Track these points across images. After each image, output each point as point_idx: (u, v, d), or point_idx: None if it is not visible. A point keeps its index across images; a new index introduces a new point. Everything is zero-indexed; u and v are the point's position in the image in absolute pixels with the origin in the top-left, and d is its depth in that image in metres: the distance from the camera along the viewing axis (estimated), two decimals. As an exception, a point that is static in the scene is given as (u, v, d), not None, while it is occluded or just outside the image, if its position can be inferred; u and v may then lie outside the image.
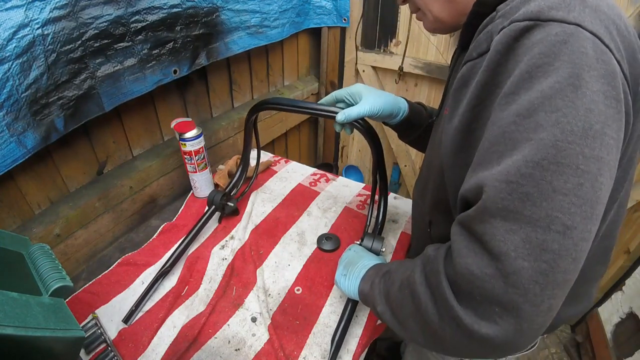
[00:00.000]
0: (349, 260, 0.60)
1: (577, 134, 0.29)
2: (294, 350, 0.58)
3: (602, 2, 0.33)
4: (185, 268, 0.72)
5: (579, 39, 0.30)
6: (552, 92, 0.30)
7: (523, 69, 0.32)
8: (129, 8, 0.65)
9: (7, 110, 0.54)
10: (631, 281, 1.17)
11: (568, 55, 0.30)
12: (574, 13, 0.31)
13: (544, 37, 0.31)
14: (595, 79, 0.30)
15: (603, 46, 0.30)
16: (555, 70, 0.30)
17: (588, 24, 0.31)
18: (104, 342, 0.58)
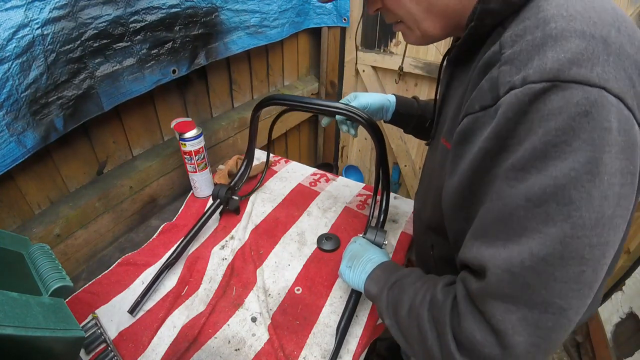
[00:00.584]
0: (354, 252, 0.60)
1: (587, 227, 0.28)
2: (294, 350, 0.58)
3: (624, 35, 0.30)
4: (185, 268, 0.72)
5: (603, 109, 0.27)
6: (566, 180, 0.28)
7: (537, 144, 0.29)
8: (127, 8, 0.65)
9: (7, 110, 0.54)
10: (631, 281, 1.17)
11: (589, 133, 0.27)
12: (597, 69, 0.28)
13: (563, 107, 0.28)
14: (615, 156, 0.28)
15: (627, 111, 0.28)
16: (573, 153, 0.28)
17: (613, 83, 0.28)
18: (104, 342, 0.58)
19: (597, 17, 0.30)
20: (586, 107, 0.27)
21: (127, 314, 0.62)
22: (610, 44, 0.29)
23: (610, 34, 0.29)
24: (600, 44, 0.29)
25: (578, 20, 0.30)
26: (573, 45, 0.29)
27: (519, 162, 0.31)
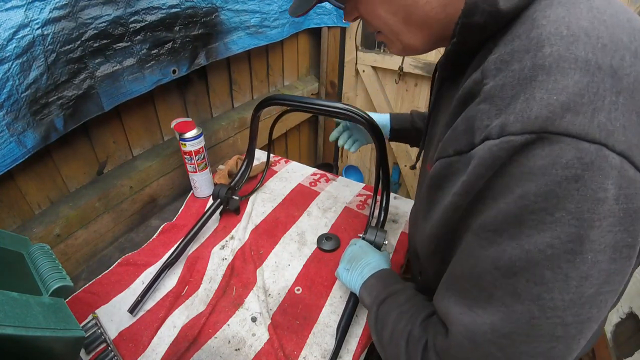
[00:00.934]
0: (353, 255, 0.60)
1: (560, 309, 0.25)
2: (294, 350, 0.58)
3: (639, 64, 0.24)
4: (185, 268, 0.72)
5: (600, 174, 0.22)
6: (540, 257, 0.24)
7: (512, 208, 0.25)
8: (128, 8, 0.65)
9: (7, 110, 0.54)
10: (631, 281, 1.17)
11: (576, 204, 0.22)
12: (600, 116, 0.22)
13: (548, 167, 0.23)
14: (608, 230, 0.23)
15: (631, 172, 0.22)
16: (553, 226, 0.23)
17: (619, 136, 0.22)
18: (104, 342, 0.58)
19: (608, 36, 0.24)
20: (577, 171, 0.22)
21: (127, 314, 0.62)
22: (621, 77, 0.23)
23: (624, 61, 0.23)
24: (608, 79, 0.23)
25: (582, 42, 0.24)
26: (571, 81, 0.23)
27: (491, 222, 0.27)
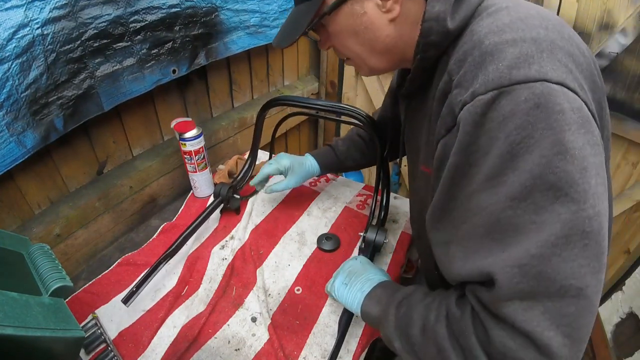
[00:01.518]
0: (353, 269, 0.58)
1: (579, 202, 0.29)
2: (294, 350, 0.58)
3: (553, 31, 0.33)
4: (185, 268, 0.72)
5: (550, 96, 0.29)
6: (540, 169, 0.29)
7: (503, 148, 0.31)
8: (128, 8, 0.65)
9: (6, 109, 0.54)
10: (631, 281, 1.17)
11: (545, 121, 0.29)
12: (534, 66, 0.30)
13: (514, 107, 0.30)
14: (577, 132, 0.29)
15: (571, 93, 0.30)
16: (537, 143, 0.29)
17: (552, 73, 0.30)
18: (104, 342, 0.58)
19: (523, 24, 0.34)
20: (535, 100, 0.29)
21: (127, 313, 0.62)
22: (540, 42, 0.32)
23: (539, 34, 0.32)
24: (532, 45, 0.31)
25: (507, 31, 0.33)
26: (508, 53, 0.32)
27: (492, 170, 0.32)
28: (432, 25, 0.38)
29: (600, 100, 0.35)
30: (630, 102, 1.01)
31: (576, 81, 0.31)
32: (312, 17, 0.44)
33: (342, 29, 0.45)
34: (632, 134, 1.03)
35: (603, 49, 0.99)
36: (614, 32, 0.96)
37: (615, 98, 1.03)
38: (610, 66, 1.00)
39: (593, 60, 0.36)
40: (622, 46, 0.96)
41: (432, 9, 0.38)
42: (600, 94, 0.36)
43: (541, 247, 0.30)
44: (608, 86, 1.04)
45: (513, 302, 0.32)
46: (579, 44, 0.35)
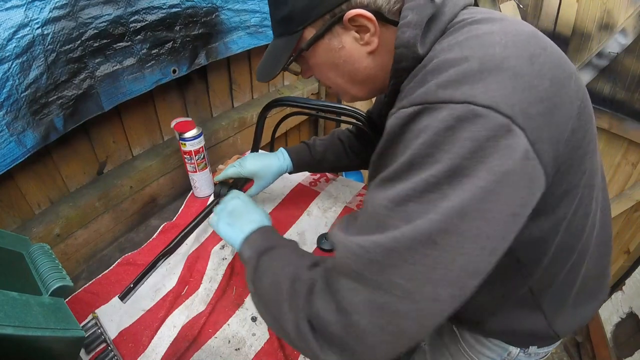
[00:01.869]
0: (235, 209, 0.57)
1: (446, 216, 0.29)
2: (294, 350, 0.58)
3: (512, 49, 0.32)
4: (185, 268, 0.72)
5: (467, 121, 0.29)
6: (425, 186, 0.30)
7: (407, 158, 0.32)
8: (128, 8, 0.65)
9: (6, 109, 0.54)
10: (631, 281, 1.17)
11: (450, 145, 0.29)
12: (465, 87, 0.30)
13: (430, 124, 0.31)
14: (480, 161, 0.29)
15: (500, 118, 0.29)
16: (435, 163, 0.30)
17: (481, 96, 0.29)
18: (104, 342, 0.58)
19: (478, 41, 0.34)
20: (450, 122, 0.30)
21: (127, 313, 0.62)
22: (486, 61, 0.31)
23: (489, 52, 0.32)
24: (474, 64, 0.31)
25: (456, 49, 0.34)
26: (445, 72, 0.32)
27: (390, 174, 0.33)
28: (403, 52, 0.39)
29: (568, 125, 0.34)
30: (630, 102, 1.01)
31: (516, 105, 0.30)
32: (290, 53, 0.45)
33: (322, 62, 0.46)
34: (632, 134, 1.03)
35: (603, 49, 0.99)
36: (614, 32, 0.96)
37: (615, 98, 1.03)
38: (610, 66, 1.00)
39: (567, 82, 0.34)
40: (622, 46, 0.96)
41: (402, 35, 0.39)
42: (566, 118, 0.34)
43: (390, 242, 0.31)
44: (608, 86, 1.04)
45: (344, 279, 0.33)
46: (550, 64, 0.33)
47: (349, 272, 0.33)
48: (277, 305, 0.40)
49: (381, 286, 0.31)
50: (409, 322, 0.31)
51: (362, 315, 0.32)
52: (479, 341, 0.58)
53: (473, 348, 0.59)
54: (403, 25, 0.39)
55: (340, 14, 0.40)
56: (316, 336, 0.35)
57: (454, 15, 0.40)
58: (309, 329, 0.36)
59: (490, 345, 0.56)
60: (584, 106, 0.37)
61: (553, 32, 1.05)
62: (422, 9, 0.38)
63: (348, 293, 0.32)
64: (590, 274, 0.49)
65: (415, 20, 0.38)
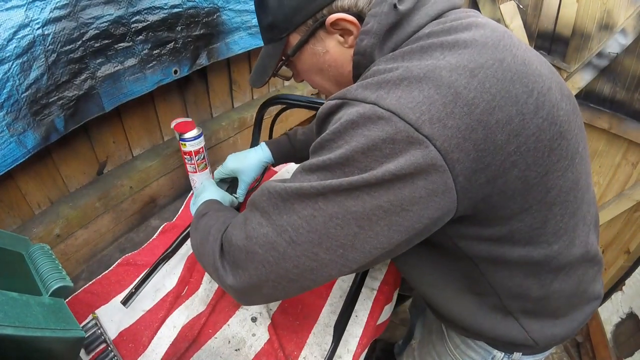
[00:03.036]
0: (198, 191, 0.67)
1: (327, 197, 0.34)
2: (294, 350, 0.58)
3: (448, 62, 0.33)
4: (185, 268, 0.71)
5: (370, 120, 0.32)
6: (321, 166, 0.34)
7: (318, 141, 0.36)
8: (129, 8, 0.65)
9: (7, 110, 0.54)
10: (631, 281, 1.17)
11: (350, 137, 0.33)
12: (380, 92, 0.33)
13: (342, 116, 0.34)
14: (373, 160, 0.32)
15: (401, 123, 0.31)
16: (336, 149, 0.34)
17: (389, 101, 0.32)
18: (104, 342, 0.58)
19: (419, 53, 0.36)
20: (355, 117, 0.33)
21: (127, 314, 0.62)
22: (412, 70, 0.33)
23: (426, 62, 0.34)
24: (399, 73, 0.34)
25: (392, 60, 0.37)
26: (372, 78, 0.35)
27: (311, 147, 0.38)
28: (360, 60, 0.41)
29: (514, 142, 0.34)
30: (630, 102, 1.01)
31: (428, 114, 0.31)
32: (278, 59, 0.46)
33: (308, 67, 0.47)
34: (632, 134, 1.03)
35: (603, 49, 0.99)
36: (614, 32, 0.96)
37: (615, 98, 1.03)
38: (610, 66, 1.00)
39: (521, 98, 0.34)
40: (622, 46, 0.96)
41: (360, 43, 0.40)
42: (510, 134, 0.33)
43: (281, 189, 0.36)
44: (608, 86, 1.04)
45: (257, 211, 0.39)
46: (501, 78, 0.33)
47: (261, 207, 0.38)
48: (205, 242, 0.46)
49: (277, 227, 0.36)
50: (292, 269, 0.36)
51: (260, 246, 0.37)
52: (465, 342, 0.58)
53: (458, 348, 0.59)
54: (362, 33, 0.39)
55: (322, 19, 0.41)
56: (222, 257, 0.42)
57: (420, 26, 0.39)
58: (219, 254, 0.42)
59: (475, 347, 0.56)
60: (549, 124, 0.36)
61: (553, 32, 1.05)
62: (384, 17, 0.38)
63: (256, 225, 0.38)
64: (569, 290, 0.46)
65: (375, 28, 0.38)
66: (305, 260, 0.36)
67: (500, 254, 0.41)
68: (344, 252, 0.35)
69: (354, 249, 0.35)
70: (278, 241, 0.36)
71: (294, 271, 0.37)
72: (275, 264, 0.37)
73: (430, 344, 0.67)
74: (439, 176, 0.32)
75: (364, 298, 0.68)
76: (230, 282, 0.40)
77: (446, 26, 0.38)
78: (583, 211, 0.44)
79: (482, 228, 0.39)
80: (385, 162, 0.32)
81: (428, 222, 0.34)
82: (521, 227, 0.39)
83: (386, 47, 0.40)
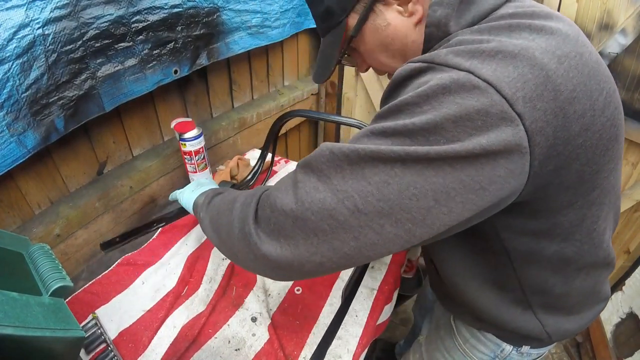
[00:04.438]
0: (201, 183, 0.61)
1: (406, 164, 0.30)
2: (294, 350, 0.58)
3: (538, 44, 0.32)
4: (185, 268, 0.71)
5: (464, 88, 0.29)
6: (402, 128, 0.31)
7: (396, 103, 0.33)
8: (130, 8, 0.65)
9: (7, 110, 0.54)
10: (631, 281, 1.17)
11: (440, 103, 0.30)
12: (474, 60, 0.31)
13: (428, 80, 0.31)
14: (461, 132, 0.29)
15: (498, 97, 0.29)
16: (420, 113, 0.30)
17: (486, 72, 0.30)
18: (104, 342, 0.58)
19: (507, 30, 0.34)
20: (448, 84, 0.30)
21: (127, 314, 0.62)
22: (507, 46, 0.31)
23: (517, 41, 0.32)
24: (493, 45, 0.31)
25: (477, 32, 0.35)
26: (461, 46, 0.33)
27: (380, 112, 0.34)
28: (433, 32, 0.39)
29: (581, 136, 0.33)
30: (630, 102, 1.01)
31: (522, 92, 0.30)
32: (341, 44, 0.45)
33: (372, 46, 0.45)
34: (632, 134, 1.03)
35: (603, 49, 0.99)
36: (614, 32, 0.96)
37: (615, 98, 1.03)
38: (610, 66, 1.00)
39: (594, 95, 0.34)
40: (622, 46, 0.96)
41: (433, 14, 0.38)
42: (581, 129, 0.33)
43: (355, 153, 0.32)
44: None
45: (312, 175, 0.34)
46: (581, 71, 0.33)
47: (319, 169, 0.34)
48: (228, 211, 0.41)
49: (338, 193, 0.32)
50: (350, 242, 0.32)
51: (313, 213, 0.32)
52: (474, 336, 0.58)
53: (468, 342, 0.60)
54: (435, 4, 0.38)
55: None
56: (256, 223, 0.37)
57: (497, 4, 0.38)
58: (252, 218, 0.37)
59: (485, 340, 0.57)
60: (610, 125, 0.36)
61: (553, 32, 1.05)
62: None
63: (310, 189, 0.33)
64: (587, 288, 0.48)
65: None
66: (368, 233, 0.32)
67: (537, 249, 0.42)
68: (412, 227, 0.31)
69: (423, 225, 0.31)
70: (338, 209, 0.32)
71: (350, 244, 0.32)
72: (330, 234, 0.32)
73: (438, 339, 0.67)
74: (520, 158, 0.30)
75: (364, 298, 0.68)
76: (266, 250, 0.35)
77: (527, 10, 0.37)
78: (611, 217, 0.45)
79: (528, 220, 0.39)
80: (475, 135, 0.29)
81: (496, 202, 0.32)
82: (563, 222, 0.39)
83: (463, 19, 0.38)
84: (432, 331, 0.72)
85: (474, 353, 0.59)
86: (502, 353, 0.56)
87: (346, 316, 0.64)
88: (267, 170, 1.00)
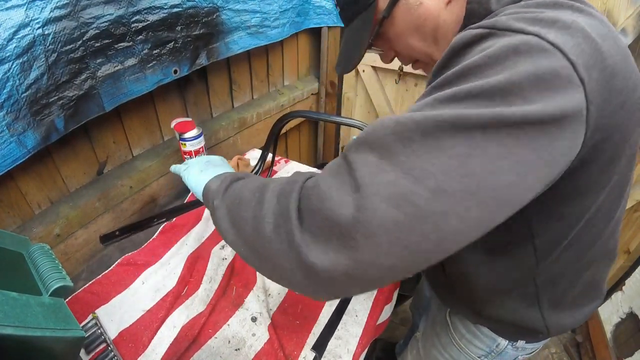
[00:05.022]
0: (211, 161, 0.52)
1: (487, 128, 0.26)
2: (294, 350, 0.58)
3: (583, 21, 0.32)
4: (185, 268, 0.72)
5: (534, 50, 0.28)
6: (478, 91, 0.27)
7: (460, 67, 0.29)
8: (129, 8, 0.65)
9: (7, 110, 0.54)
10: (631, 281, 1.17)
11: (513, 63, 0.27)
12: (537, 26, 0.30)
13: (495, 43, 0.29)
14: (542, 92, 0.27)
15: (563, 60, 0.28)
16: (493, 74, 0.27)
17: (552, 36, 0.28)
18: (104, 342, 0.58)
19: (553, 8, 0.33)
20: (518, 45, 0.28)
21: (127, 314, 0.62)
22: (561, 18, 0.30)
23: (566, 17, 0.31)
24: (550, 15, 0.30)
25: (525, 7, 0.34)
26: (525, 14, 0.31)
27: (440, 80, 0.31)
28: (475, 8, 0.38)
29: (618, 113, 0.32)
30: (630, 103, 1.01)
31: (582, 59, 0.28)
32: (372, 27, 0.44)
33: (403, 29, 0.44)
34: (632, 134, 1.03)
35: (603, 49, 0.99)
36: (614, 32, 0.96)
37: (615, 98, 1.03)
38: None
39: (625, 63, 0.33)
40: (622, 47, 0.96)
41: None
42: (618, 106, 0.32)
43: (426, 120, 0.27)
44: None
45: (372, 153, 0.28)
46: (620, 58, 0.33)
47: (381, 144, 0.27)
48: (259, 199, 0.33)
49: (412, 171, 0.26)
50: (431, 233, 0.25)
51: (383, 200, 0.25)
52: (470, 331, 0.58)
53: (464, 338, 0.60)
54: None
55: None
56: (300, 220, 0.29)
57: None
58: (296, 214, 0.29)
59: (481, 335, 0.57)
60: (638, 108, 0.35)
61: (553, 32, 1.05)
62: None
63: (374, 169, 0.27)
64: (592, 280, 0.49)
65: None
66: (451, 220, 0.25)
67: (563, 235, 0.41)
68: (495, 209, 0.26)
69: (507, 204, 0.27)
70: (416, 191, 0.25)
71: (431, 237, 0.26)
72: (408, 225, 0.25)
73: (434, 336, 0.67)
74: (580, 126, 0.29)
75: (364, 298, 0.68)
76: (315, 259, 0.27)
77: None
78: (622, 210, 0.45)
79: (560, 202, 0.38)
80: (551, 97, 0.26)
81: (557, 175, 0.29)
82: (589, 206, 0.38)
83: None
84: (428, 328, 0.72)
85: (469, 348, 0.59)
86: (498, 348, 0.56)
87: (346, 316, 0.64)
88: (268, 170, 1.00)
